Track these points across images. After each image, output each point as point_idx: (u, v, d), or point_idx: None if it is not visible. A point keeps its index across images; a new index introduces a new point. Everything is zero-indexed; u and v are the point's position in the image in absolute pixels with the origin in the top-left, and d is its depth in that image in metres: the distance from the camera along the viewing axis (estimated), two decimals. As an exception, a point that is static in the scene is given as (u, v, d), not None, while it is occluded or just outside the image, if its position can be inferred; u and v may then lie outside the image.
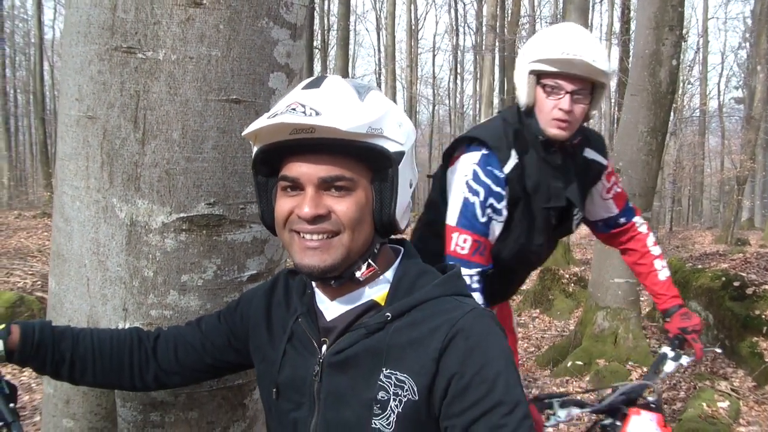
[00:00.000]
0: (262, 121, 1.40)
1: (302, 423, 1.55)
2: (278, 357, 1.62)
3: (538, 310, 10.89)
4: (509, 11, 23.22)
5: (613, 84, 32.88)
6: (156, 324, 1.92)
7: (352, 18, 30.84)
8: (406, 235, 1.81)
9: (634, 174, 7.53)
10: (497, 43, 23.57)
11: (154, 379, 1.77)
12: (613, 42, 30.60)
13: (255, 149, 1.50)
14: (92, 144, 1.92)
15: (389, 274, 1.55)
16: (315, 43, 27.50)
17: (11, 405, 1.60)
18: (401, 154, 1.46)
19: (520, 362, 8.29)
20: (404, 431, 1.40)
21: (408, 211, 1.54)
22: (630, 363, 7.46)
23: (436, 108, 48.21)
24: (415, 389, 1.39)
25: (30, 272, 11.09)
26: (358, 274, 1.48)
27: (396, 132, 1.46)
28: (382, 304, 1.52)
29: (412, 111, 37.72)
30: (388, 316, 1.46)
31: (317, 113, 1.36)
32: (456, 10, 41.70)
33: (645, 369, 7.33)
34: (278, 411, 1.63)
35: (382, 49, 41.18)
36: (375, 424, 1.41)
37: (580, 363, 7.50)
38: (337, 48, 22.27)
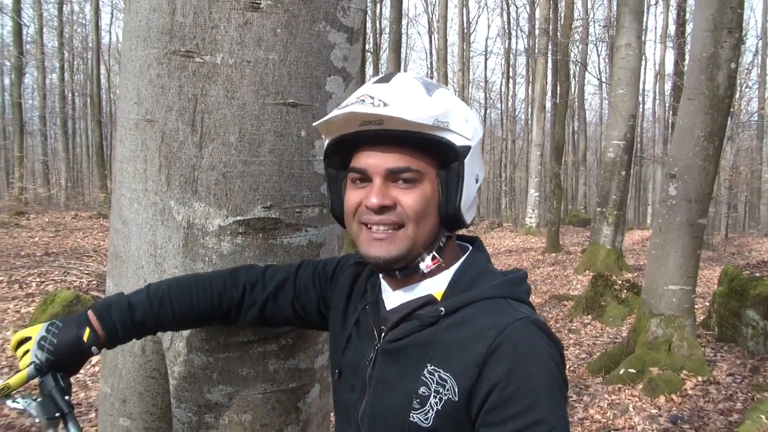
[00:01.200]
0: (333, 112, 1.46)
1: (353, 406, 1.60)
2: (344, 340, 1.69)
3: (590, 317, 10.76)
4: (562, 14, 22.98)
5: (667, 87, 32.41)
6: (210, 326, 1.93)
7: (404, 21, 30.92)
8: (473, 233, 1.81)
9: (690, 179, 7.42)
10: (550, 47, 23.39)
11: (234, 323, 1.89)
12: (668, 45, 30.19)
13: (326, 142, 1.57)
14: (150, 147, 1.94)
15: (452, 270, 1.56)
16: (367, 47, 27.58)
17: (66, 397, 1.67)
18: (467, 148, 1.48)
19: (572, 368, 8.20)
20: (443, 429, 1.40)
21: (474, 206, 1.55)
22: (684, 372, 7.33)
23: (488, 111, 48.05)
24: (456, 390, 1.39)
25: (86, 272, 11.31)
26: (422, 266, 1.51)
27: (463, 127, 1.48)
28: (439, 299, 1.53)
29: (463, 114, 37.51)
30: (442, 311, 1.47)
31: (385, 104, 1.41)
32: (508, 14, 41.57)
33: (700, 378, 7.21)
34: (337, 391, 1.71)
35: (434, 52, 41.11)
36: (413, 417, 1.42)
37: (632, 371, 7.39)
38: (389, 51, 22.26)
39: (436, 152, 1.47)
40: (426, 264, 1.50)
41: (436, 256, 1.52)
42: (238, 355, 1.96)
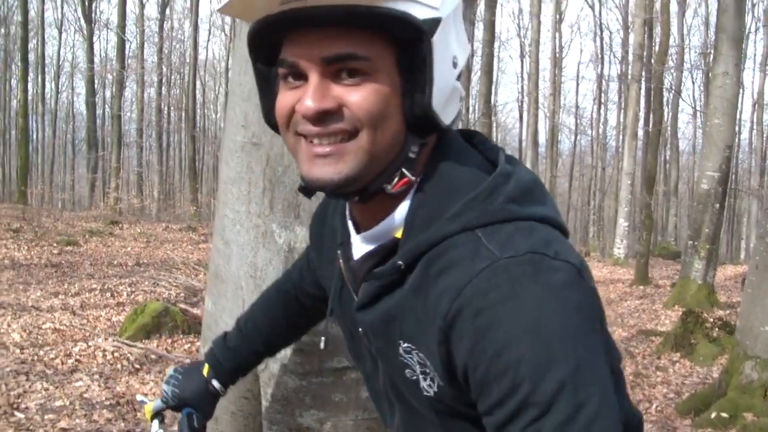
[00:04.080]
0: None
1: (372, 375, 1.30)
2: (336, 296, 1.34)
3: (678, 354, 10.44)
4: (657, 40, 22.56)
5: (765, 117, 31.25)
6: (306, 350, 1.93)
7: (496, 44, 30.82)
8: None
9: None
10: (644, 73, 22.97)
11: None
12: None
13: (247, 29, 1.11)
14: (255, 170, 1.97)
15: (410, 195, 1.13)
16: (457, 70, 27.47)
17: None
18: (436, 21, 1.02)
19: (659, 408, 7.97)
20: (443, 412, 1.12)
21: (455, 100, 1.11)
22: (782, 420, 7.03)
23: (578, 138, 47.32)
24: (437, 373, 1.06)
25: (174, 284, 11.57)
26: (388, 187, 1.09)
27: None
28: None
29: (553, 140, 37.21)
30: (401, 265, 1.08)
31: None
32: (601, 39, 40.94)
33: (797, 425, 6.90)
34: (351, 356, 1.40)
35: (525, 76, 40.95)
36: (424, 391, 1.11)
37: (725, 415, 7.12)
38: (481, 73, 22.27)
39: (391, 32, 1.02)
40: (392, 185, 1.09)
41: (405, 173, 1.08)
42: (331, 381, 1.96)
